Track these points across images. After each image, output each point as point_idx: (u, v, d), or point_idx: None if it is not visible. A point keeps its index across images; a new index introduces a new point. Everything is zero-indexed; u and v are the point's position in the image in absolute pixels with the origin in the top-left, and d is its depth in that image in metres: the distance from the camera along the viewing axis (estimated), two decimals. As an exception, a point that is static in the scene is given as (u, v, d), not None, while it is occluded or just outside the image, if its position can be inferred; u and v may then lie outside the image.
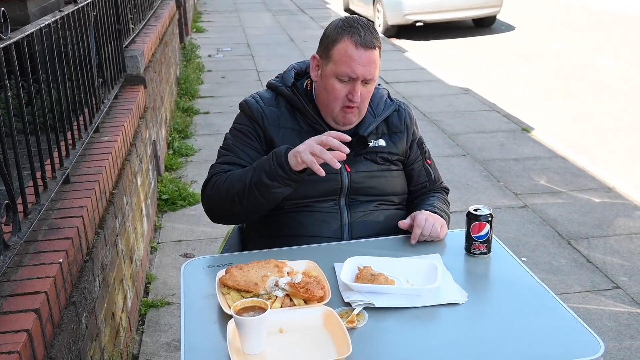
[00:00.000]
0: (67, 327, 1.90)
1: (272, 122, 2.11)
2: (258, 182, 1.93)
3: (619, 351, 3.00)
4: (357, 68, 1.97)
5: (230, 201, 2.01)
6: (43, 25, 2.40)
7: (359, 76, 1.98)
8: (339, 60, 1.98)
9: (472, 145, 5.83)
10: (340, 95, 2.01)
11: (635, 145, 5.75)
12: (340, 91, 2.01)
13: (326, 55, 2.03)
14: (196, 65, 8.76)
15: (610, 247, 3.96)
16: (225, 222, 2.22)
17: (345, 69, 1.97)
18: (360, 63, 1.97)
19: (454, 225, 4.21)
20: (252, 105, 2.14)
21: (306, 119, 2.12)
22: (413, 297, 1.70)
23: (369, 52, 1.98)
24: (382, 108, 2.18)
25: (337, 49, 1.98)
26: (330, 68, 2.01)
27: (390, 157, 2.16)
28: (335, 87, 2.01)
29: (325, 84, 2.04)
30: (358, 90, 1.99)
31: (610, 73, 8.29)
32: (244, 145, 2.11)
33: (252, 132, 2.12)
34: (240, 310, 1.51)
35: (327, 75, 2.02)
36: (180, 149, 5.66)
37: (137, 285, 3.30)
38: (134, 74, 4.17)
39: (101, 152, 2.91)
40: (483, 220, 1.91)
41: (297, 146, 1.88)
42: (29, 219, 2.05)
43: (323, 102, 2.08)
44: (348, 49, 1.97)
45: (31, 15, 4.20)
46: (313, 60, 2.09)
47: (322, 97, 2.08)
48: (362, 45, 1.96)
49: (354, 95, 1.99)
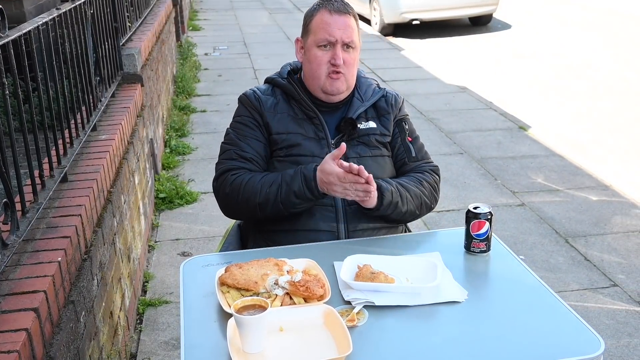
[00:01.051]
0: (65, 326, 1.90)
1: (268, 109, 2.18)
2: (286, 200, 2.03)
3: (617, 349, 3.00)
4: (334, 31, 2.08)
5: (251, 208, 2.08)
6: (40, 23, 2.39)
7: (337, 39, 2.08)
8: (316, 29, 2.11)
9: (469, 143, 5.83)
10: (323, 62, 2.10)
11: (632, 143, 5.76)
12: (322, 58, 2.10)
13: (306, 31, 2.15)
14: (193, 64, 8.74)
15: (608, 245, 3.96)
16: (240, 219, 2.33)
17: (323, 34, 2.09)
18: (337, 27, 2.08)
19: (452, 223, 4.24)
20: (250, 95, 2.23)
21: (300, 106, 2.18)
22: (413, 296, 1.70)
23: (344, 16, 2.10)
24: (370, 94, 2.24)
25: (314, 21, 2.12)
26: (311, 39, 2.12)
27: (383, 139, 2.20)
28: (317, 55, 2.11)
29: (309, 56, 2.14)
30: (339, 53, 2.09)
31: (607, 71, 8.30)
32: (245, 137, 2.16)
33: (252, 121, 2.18)
34: (240, 309, 1.50)
35: (309, 48, 2.14)
36: (177, 147, 5.65)
37: (135, 284, 3.29)
38: (131, 72, 4.16)
39: (99, 150, 2.90)
40: (482, 218, 1.91)
41: (325, 177, 1.95)
42: (27, 217, 2.04)
43: (309, 76, 2.16)
44: (323, 17, 2.10)
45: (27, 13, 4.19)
46: (297, 43, 2.20)
47: (308, 70, 2.16)
48: (335, 11, 2.09)
49: (336, 58, 2.09)
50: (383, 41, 10.64)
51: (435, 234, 2.41)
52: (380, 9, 11.18)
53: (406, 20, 10.98)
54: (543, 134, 6.00)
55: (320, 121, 2.15)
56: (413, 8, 10.88)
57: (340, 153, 1.93)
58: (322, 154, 2.08)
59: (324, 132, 2.15)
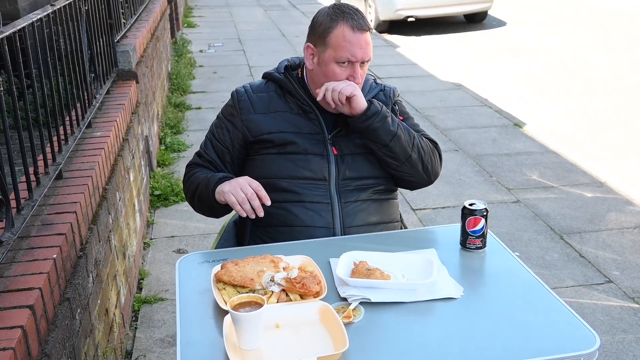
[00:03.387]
0: (61, 323, 1.89)
1: (259, 110, 2.18)
2: (200, 195, 2.16)
3: (612, 345, 3.01)
4: (356, 52, 2.03)
5: (191, 200, 2.24)
6: (35, 20, 2.38)
7: (358, 59, 2.04)
8: (337, 45, 2.03)
9: (464, 140, 5.84)
10: (341, 79, 2.07)
11: (627, 140, 5.78)
12: (341, 75, 2.06)
13: (322, 42, 2.07)
14: (188, 61, 8.72)
15: (603, 241, 3.98)
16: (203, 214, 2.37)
17: (345, 54, 2.03)
18: (359, 46, 2.03)
19: (448, 220, 4.25)
20: (241, 94, 2.24)
21: (296, 101, 2.17)
22: (409, 292, 1.70)
23: (365, 34, 2.05)
24: (368, 90, 2.24)
25: (335, 35, 2.03)
26: (329, 54, 2.05)
27: None
28: (335, 72, 2.06)
29: (325, 70, 2.08)
30: (359, 72, 2.06)
31: (602, 68, 8.32)
32: (214, 138, 2.25)
33: (228, 123, 2.22)
34: (236, 306, 1.50)
35: (325, 61, 2.07)
36: (172, 144, 5.64)
37: (130, 281, 3.29)
38: (126, 69, 4.15)
39: (94, 147, 2.89)
40: (478, 214, 1.91)
41: (224, 184, 2.05)
42: (22, 214, 2.03)
43: (319, 84, 2.12)
44: (346, 34, 2.02)
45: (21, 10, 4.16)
46: (307, 49, 2.13)
47: (319, 80, 2.12)
48: (358, 28, 2.03)
49: (356, 77, 2.06)
50: (378, 38, 10.64)
51: (431, 231, 2.42)
52: (375, 6, 11.17)
53: (401, 17, 10.97)
54: (538, 131, 6.01)
55: (317, 116, 2.15)
56: (408, 5, 10.87)
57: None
58: (317, 150, 2.11)
59: (320, 127, 2.15)
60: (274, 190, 2.09)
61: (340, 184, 2.12)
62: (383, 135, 2.07)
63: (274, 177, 2.12)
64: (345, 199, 2.12)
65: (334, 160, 2.12)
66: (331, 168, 2.12)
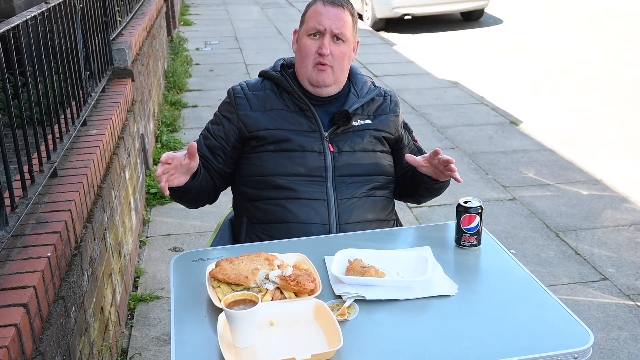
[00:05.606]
0: (55, 321, 1.89)
1: (256, 108, 2.19)
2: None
3: (607, 342, 3.02)
4: (323, 20, 2.10)
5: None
6: (29, 17, 2.37)
7: (326, 28, 2.09)
8: (308, 18, 2.13)
9: (460, 138, 5.84)
10: (311, 51, 2.11)
11: (623, 137, 5.79)
12: (311, 47, 2.12)
13: (301, 22, 2.17)
14: (184, 59, 8.71)
15: (598, 239, 3.98)
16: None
17: (313, 23, 2.11)
18: (327, 17, 2.10)
19: (443, 217, 4.25)
20: (237, 92, 2.25)
21: (292, 98, 2.19)
22: (404, 290, 1.70)
23: (337, 8, 2.11)
24: (366, 91, 2.25)
25: (309, 12, 2.15)
26: (303, 29, 2.15)
27: (378, 134, 2.21)
28: (306, 44, 2.12)
29: (300, 46, 2.16)
30: (327, 43, 2.10)
31: (598, 66, 8.33)
32: (207, 136, 2.25)
33: (224, 120, 2.22)
34: (231, 304, 1.50)
35: (300, 37, 2.16)
36: (169, 142, 5.63)
37: (125, 280, 3.29)
38: (122, 67, 4.14)
39: (89, 145, 2.89)
40: (473, 212, 1.91)
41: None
42: (16, 212, 2.03)
43: (298, 66, 2.18)
44: (317, 7, 2.13)
45: (16, 7, 4.15)
46: (294, 35, 2.22)
47: (298, 60, 2.18)
48: (329, 3, 2.12)
49: (323, 48, 2.09)
50: (375, 36, 10.64)
51: (426, 228, 2.42)
52: (372, 3, 11.17)
53: (398, 15, 10.97)
54: (534, 129, 6.02)
55: (313, 113, 2.15)
56: (405, 3, 10.87)
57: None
58: (314, 147, 2.12)
59: (316, 124, 2.15)
60: (271, 188, 2.11)
61: (337, 181, 2.13)
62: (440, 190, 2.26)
63: (271, 174, 2.12)
64: (341, 196, 2.12)
65: (330, 157, 2.13)
66: (328, 165, 2.12)
